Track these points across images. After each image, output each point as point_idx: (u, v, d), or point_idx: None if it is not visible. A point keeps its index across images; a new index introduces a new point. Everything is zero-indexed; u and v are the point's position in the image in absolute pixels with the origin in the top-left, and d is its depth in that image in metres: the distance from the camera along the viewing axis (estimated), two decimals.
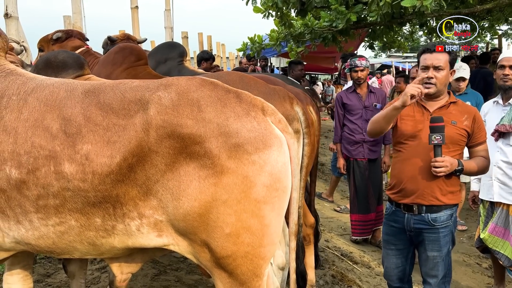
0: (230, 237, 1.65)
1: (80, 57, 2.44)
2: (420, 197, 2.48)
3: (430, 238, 2.50)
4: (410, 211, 2.53)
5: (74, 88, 1.76)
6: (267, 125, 1.73)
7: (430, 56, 2.48)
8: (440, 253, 2.50)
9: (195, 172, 1.63)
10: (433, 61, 2.47)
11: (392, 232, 2.66)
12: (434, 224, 2.48)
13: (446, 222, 2.49)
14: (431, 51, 2.49)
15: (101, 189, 1.64)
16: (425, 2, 4.04)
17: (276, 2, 5.39)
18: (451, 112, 2.53)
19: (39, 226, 1.73)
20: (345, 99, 4.56)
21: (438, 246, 2.50)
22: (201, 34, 8.74)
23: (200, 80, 1.77)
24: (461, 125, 2.50)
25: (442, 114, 2.49)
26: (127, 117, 1.66)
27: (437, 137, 2.35)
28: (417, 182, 2.47)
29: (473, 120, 2.51)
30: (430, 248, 2.52)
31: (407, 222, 2.54)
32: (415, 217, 2.51)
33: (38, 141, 1.66)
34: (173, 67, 3.81)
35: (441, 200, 2.46)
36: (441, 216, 2.48)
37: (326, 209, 5.80)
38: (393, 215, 2.63)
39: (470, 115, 2.53)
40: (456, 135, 2.48)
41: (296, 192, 1.87)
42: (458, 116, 2.52)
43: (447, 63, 2.49)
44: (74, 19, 4.58)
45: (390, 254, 2.70)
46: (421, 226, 2.51)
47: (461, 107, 2.57)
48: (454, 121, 2.49)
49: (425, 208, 2.48)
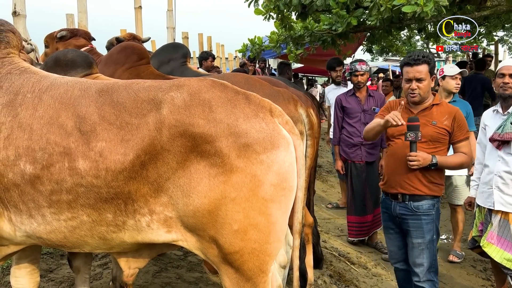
0: (238, 234, 1.71)
1: (88, 56, 2.49)
2: (403, 187, 2.81)
3: (414, 225, 2.81)
4: (395, 199, 2.87)
5: (88, 87, 1.81)
6: (275, 126, 1.78)
7: (411, 69, 2.76)
8: (423, 240, 2.79)
9: (206, 170, 1.69)
10: (414, 74, 2.75)
11: (387, 218, 3.00)
12: (416, 211, 2.79)
13: (428, 211, 2.79)
14: (411, 64, 2.75)
15: (114, 185, 1.69)
16: (426, 8, 4.11)
17: (278, 5, 5.45)
18: (432, 113, 2.82)
19: (51, 220, 1.77)
20: (344, 102, 4.62)
21: (421, 232, 2.79)
22: (201, 35, 8.81)
23: (211, 81, 1.82)
24: (441, 124, 2.78)
25: (424, 115, 2.80)
26: (140, 116, 1.71)
27: (411, 135, 2.68)
28: (400, 174, 2.81)
29: (453, 119, 2.79)
30: (414, 235, 2.81)
31: (393, 209, 2.88)
32: (399, 204, 2.85)
33: (53, 138, 1.71)
34: (176, 67, 3.85)
35: (421, 190, 2.78)
36: (423, 205, 2.79)
37: (323, 210, 5.87)
38: (384, 202, 3.01)
39: (450, 115, 2.80)
40: (436, 134, 2.78)
41: (301, 191, 1.93)
42: (439, 116, 2.80)
43: (427, 74, 2.76)
44: (80, 18, 4.62)
45: (391, 238, 3.03)
46: (404, 212, 2.83)
47: (443, 108, 2.84)
48: (434, 121, 2.79)
49: (408, 197, 2.81)
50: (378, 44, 9.48)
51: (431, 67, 2.78)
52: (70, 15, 5.19)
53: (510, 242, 2.99)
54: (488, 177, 3.09)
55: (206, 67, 6.49)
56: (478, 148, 3.32)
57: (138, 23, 5.59)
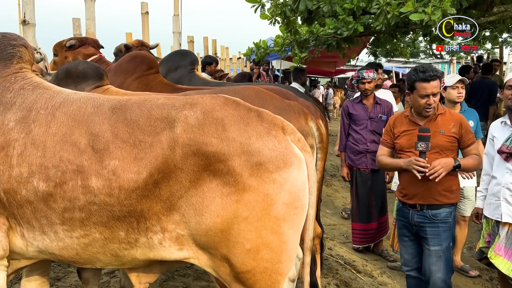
0: (250, 253, 1.71)
1: (99, 68, 2.49)
2: (421, 198, 2.85)
3: (432, 233, 2.84)
4: (413, 208, 2.90)
5: (101, 104, 1.81)
6: (288, 144, 1.78)
7: (429, 85, 2.78)
8: (441, 247, 2.83)
9: (218, 189, 1.69)
10: (432, 90, 2.78)
11: (402, 226, 3.03)
12: (434, 219, 2.83)
13: (445, 219, 2.84)
14: (428, 80, 2.78)
15: (127, 204, 1.70)
16: (433, 16, 4.10)
17: (284, 11, 5.45)
18: (438, 123, 2.87)
19: (63, 237, 1.78)
20: (351, 109, 4.62)
21: (439, 240, 2.84)
22: (206, 38, 8.81)
23: (224, 99, 1.82)
24: (449, 132, 2.83)
25: (430, 125, 2.83)
26: (153, 135, 1.71)
27: (422, 145, 2.70)
28: (417, 186, 2.83)
29: (459, 126, 2.85)
30: (432, 243, 2.85)
31: (411, 217, 2.91)
32: (417, 213, 2.88)
33: (66, 156, 1.71)
34: (184, 75, 3.86)
35: (439, 200, 2.82)
36: (440, 213, 2.84)
37: (328, 216, 5.86)
38: (400, 211, 3.03)
39: (456, 122, 2.86)
40: (445, 143, 2.83)
41: (312, 209, 1.93)
42: (445, 125, 2.85)
43: (439, 87, 2.84)
44: (88, 25, 4.63)
45: (406, 245, 3.06)
46: (422, 220, 2.86)
47: (447, 116, 2.90)
48: (442, 130, 2.84)
49: (426, 206, 2.85)
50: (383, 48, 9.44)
51: (441, 81, 2.88)
52: (77, 19, 5.19)
53: None
54: (496, 189, 3.08)
55: (210, 72, 6.51)
56: (486, 159, 3.31)
57: (145, 28, 5.59)
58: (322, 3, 5.21)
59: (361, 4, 5.09)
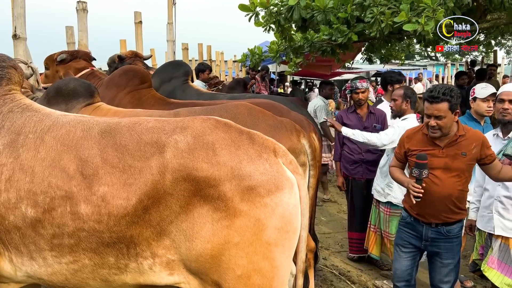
0: (241, 279, 1.69)
1: (90, 85, 2.47)
2: (436, 218, 2.84)
3: (446, 247, 2.87)
4: (428, 225, 2.88)
5: (90, 128, 1.79)
6: (279, 167, 1.77)
7: (430, 107, 2.69)
8: (454, 260, 2.89)
9: (209, 215, 1.67)
10: (433, 112, 2.67)
11: (407, 238, 3.00)
12: (448, 235, 2.85)
13: (458, 233, 2.88)
14: (430, 102, 2.68)
15: (116, 230, 1.68)
16: (427, 27, 4.10)
17: (279, 20, 5.44)
18: (460, 145, 2.75)
19: (52, 263, 1.76)
20: (345, 119, 4.61)
21: (453, 254, 2.89)
22: (201, 44, 8.79)
23: (215, 122, 1.81)
24: (471, 154, 2.74)
25: (452, 147, 2.74)
26: (143, 160, 1.70)
27: (416, 172, 2.66)
28: (433, 207, 2.81)
29: (481, 146, 2.74)
30: (446, 257, 2.89)
31: (425, 233, 2.90)
32: (432, 229, 2.87)
33: (55, 181, 1.69)
34: (178, 86, 3.85)
35: (452, 218, 2.83)
36: (454, 229, 2.86)
37: (323, 224, 5.86)
38: (411, 224, 2.97)
39: (478, 142, 2.75)
40: (466, 166, 2.76)
41: (305, 231, 1.92)
42: (467, 146, 2.74)
43: (447, 111, 2.65)
44: (80, 37, 4.60)
45: (401, 257, 3.05)
46: (436, 236, 2.87)
47: (469, 137, 2.77)
48: (464, 152, 2.73)
49: (441, 223, 2.85)
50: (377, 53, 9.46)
51: (453, 104, 2.65)
52: (70, 28, 5.16)
53: (510, 267, 2.98)
54: (488, 202, 3.08)
55: (204, 79, 6.50)
56: (478, 171, 3.31)
57: (139, 38, 5.57)
58: (316, 12, 5.21)
59: (355, 13, 5.09)
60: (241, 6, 5.50)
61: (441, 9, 4.17)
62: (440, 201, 2.76)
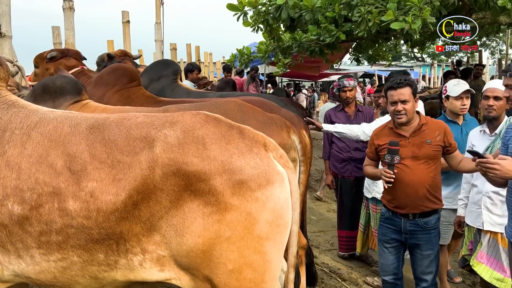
0: (232, 273, 1.69)
1: (78, 83, 2.44)
2: (413, 208, 2.92)
3: (424, 239, 2.96)
4: (405, 217, 2.97)
5: (78, 123, 1.77)
6: (270, 161, 1.77)
7: (395, 92, 2.86)
8: (433, 251, 2.98)
9: (199, 209, 1.66)
10: (399, 96, 2.84)
11: (389, 233, 3.08)
12: (426, 227, 2.94)
13: (435, 225, 2.98)
14: (395, 88, 2.86)
15: (105, 226, 1.66)
16: (414, 25, 4.15)
17: (267, 19, 5.45)
18: (424, 133, 2.89)
19: (40, 261, 1.73)
20: (334, 117, 4.63)
21: (431, 245, 2.97)
22: (189, 45, 8.78)
23: (205, 116, 1.80)
24: (435, 141, 2.87)
25: (416, 136, 2.89)
26: (132, 155, 1.68)
27: (388, 158, 2.80)
28: (410, 197, 2.90)
29: (444, 134, 2.89)
30: (425, 248, 2.97)
31: (403, 226, 2.98)
32: (410, 222, 2.96)
33: (42, 178, 1.66)
34: (167, 85, 3.82)
35: (430, 207, 2.92)
36: (431, 220, 2.95)
37: (313, 223, 5.87)
38: (390, 219, 3.06)
39: (441, 130, 2.90)
40: (433, 152, 2.88)
41: (296, 225, 1.91)
42: (431, 134, 2.88)
43: (410, 95, 2.86)
44: (67, 36, 4.55)
45: (386, 252, 3.13)
46: (415, 228, 2.95)
47: (431, 125, 2.93)
48: (428, 140, 2.87)
49: (418, 214, 2.93)
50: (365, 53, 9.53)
51: (414, 90, 2.89)
52: (56, 28, 5.11)
53: (499, 262, 3.02)
54: (477, 197, 3.11)
55: (192, 79, 6.48)
56: None
57: (126, 37, 5.53)
58: (304, 11, 5.23)
59: (343, 12, 5.12)
60: (229, 6, 5.50)
61: (428, 8, 4.22)
62: (413, 188, 2.85)
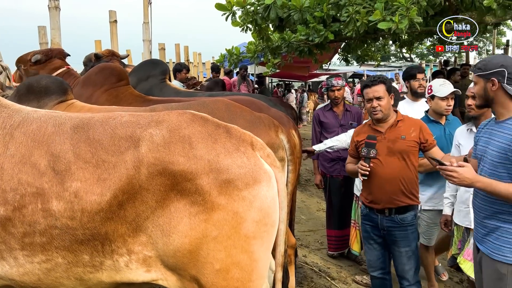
0: (220, 273, 1.68)
1: (63, 82, 2.41)
2: (389, 203, 2.97)
3: (401, 235, 2.99)
4: (382, 214, 3.02)
5: (62, 123, 1.75)
6: (257, 160, 1.76)
7: (370, 90, 2.97)
8: (410, 248, 3.01)
9: (186, 209, 1.65)
10: (373, 94, 2.95)
11: (369, 229, 3.13)
12: (402, 223, 2.98)
13: (412, 221, 3.01)
14: (369, 86, 2.97)
15: (90, 227, 1.64)
16: (401, 25, 4.18)
17: (255, 19, 5.45)
18: (399, 129, 2.98)
19: (24, 263, 1.70)
20: (322, 117, 4.64)
21: (408, 241, 3.00)
22: (178, 45, 8.73)
23: (191, 116, 1.79)
24: (410, 137, 2.94)
25: (392, 132, 2.97)
26: (117, 154, 1.66)
27: (364, 151, 2.89)
28: (384, 191, 2.96)
29: (419, 130, 2.96)
30: (402, 245, 3.01)
31: (380, 222, 3.03)
32: (386, 218, 3.01)
33: (25, 178, 1.64)
34: (155, 84, 3.80)
35: (405, 202, 2.96)
36: (407, 217, 2.98)
37: (303, 222, 5.88)
38: (368, 216, 3.12)
39: (416, 127, 2.98)
40: (407, 148, 2.94)
41: (283, 224, 1.91)
42: (406, 130, 2.96)
43: (385, 92, 2.96)
44: (52, 35, 4.49)
45: (371, 248, 3.18)
46: (391, 225, 3.00)
47: (407, 122, 3.02)
48: (403, 136, 2.95)
49: (394, 210, 2.98)
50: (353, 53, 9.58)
51: (388, 87, 2.99)
52: (42, 27, 5.04)
53: None
54: (465, 196, 3.13)
55: (181, 79, 6.45)
56: None
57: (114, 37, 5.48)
58: (293, 11, 5.24)
59: (331, 12, 5.14)
60: (217, 5, 5.48)
61: (414, 8, 4.26)
62: (388, 182, 2.91)
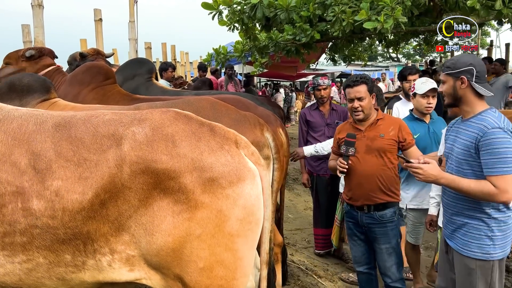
0: (203, 271, 1.67)
1: (46, 80, 2.38)
2: (367, 199, 3.01)
3: (380, 232, 3.03)
4: (361, 210, 3.06)
5: (44, 121, 1.72)
6: (241, 158, 1.76)
7: (352, 90, 3.00)
8: (390, 244, 3.04)
9: (169, 207, 1.64)
10: (355, 94, 2.98)
11: (352, 226, 3.18)
12: (381, 220, 3.01)
13: (391, 218, 3.02)
14: (351, 86, 3.00)
15: (72, 226, 1.62)
16: (386, 25, 4.21)
17: (242, 18, 5.44)
18: (379, 127, 3.03)
19: (4, 263, 1.67)
20: (309, 116, 4.65)
21: (388, 238, 3.03)
22: (165, 44, 8.68)
23: (174, 114, 1.78)
24: (388, 136, 2.99)
25: (371, 130, 3.02)
26: (99, 152, 1.64)
27: (343, 149, 2.93)
28: (362, 188, 3.00)
29: (399, 129, 2.99)
30: (382, 241, 3.05)
31: (360, 219, 3.08)
32: (365, 215, 3.05)
33: (5, 177, 1.61)
34: (141, 83, 3.77)
35: (383, 199, 2.99)
36: (386, 213, 3.01)
37: (290, 221, 5.89)
38: (349, 213, 3.18)
39: (395, 125, 3.01)
40: (385, 146, 2.98)
41: (268, 222, 1.92)
42: (385, 129, 3.01)
43: (366, 92, 2.98)
44: (36, 33, 4.42)
45: (355, 244, 3.22)
46: (370, 221, 3.04)
47: (387, 121, 3.06)
48: (382, 134, 2.99)
49: (373, 207, 3.01)
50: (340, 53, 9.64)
51: (370, 87, 3.01)
52: (26, 26, 4.97)
53: None
54: None
55: (167, 78, 6.42)
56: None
57: (99, 36, 5.42)
58: (279, 10, 5.25)
59: (317, 11, 5.17)
60: (204, 4, 5.47)
61: (399, 8, 4.30)
62: (366, 179, 2.96)
